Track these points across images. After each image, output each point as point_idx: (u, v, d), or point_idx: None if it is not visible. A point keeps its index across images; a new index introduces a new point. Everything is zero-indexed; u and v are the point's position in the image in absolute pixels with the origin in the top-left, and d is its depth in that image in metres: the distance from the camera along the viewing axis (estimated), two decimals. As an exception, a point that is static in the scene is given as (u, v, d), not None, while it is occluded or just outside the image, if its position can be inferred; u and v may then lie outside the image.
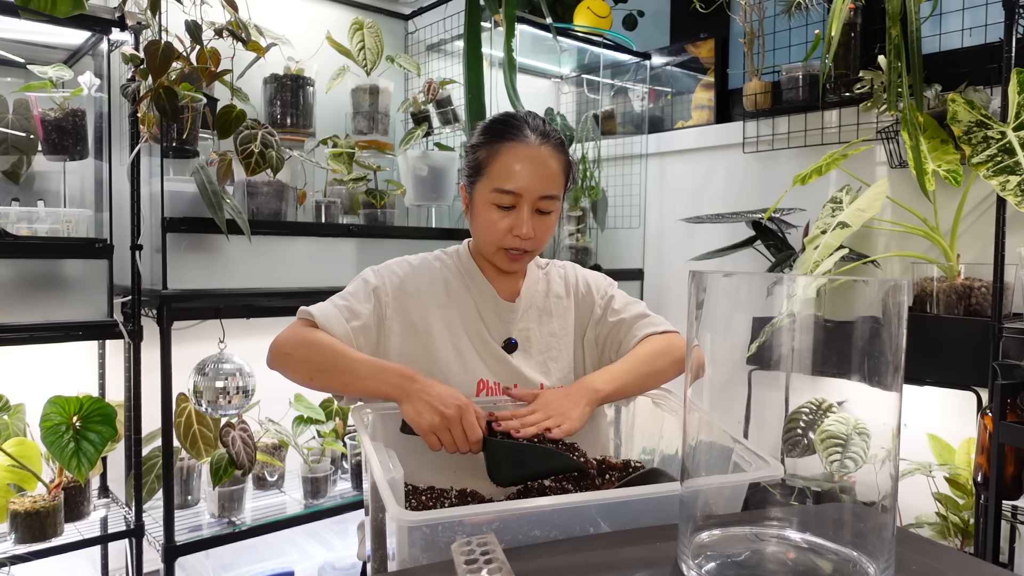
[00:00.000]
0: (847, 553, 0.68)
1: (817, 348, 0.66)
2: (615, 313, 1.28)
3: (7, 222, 1.62)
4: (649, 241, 2.89)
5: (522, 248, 1.18)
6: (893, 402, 0.64)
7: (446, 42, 2.54)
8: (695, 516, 0.69)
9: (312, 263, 2.01)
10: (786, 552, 0.68)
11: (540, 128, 1.18)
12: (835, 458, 1.50)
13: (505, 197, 1.15)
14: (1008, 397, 1.50)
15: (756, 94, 2.37)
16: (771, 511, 0.74)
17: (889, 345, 0.63)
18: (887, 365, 0.63)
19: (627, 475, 1.11)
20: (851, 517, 0.71)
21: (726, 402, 0.71)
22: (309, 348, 1.11)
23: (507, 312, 1.24)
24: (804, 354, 0.66)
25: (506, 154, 1.15)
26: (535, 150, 1.15)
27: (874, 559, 0.65)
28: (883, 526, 0.65)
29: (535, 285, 1.29)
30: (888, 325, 0.63)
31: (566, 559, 0.70)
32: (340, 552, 2.29)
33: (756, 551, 0.69)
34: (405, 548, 0.69)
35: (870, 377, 0.64)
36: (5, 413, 1.72)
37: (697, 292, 0.70)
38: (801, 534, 0.71)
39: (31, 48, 1.81)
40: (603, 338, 1.28)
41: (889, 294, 0.63)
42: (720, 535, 0.70)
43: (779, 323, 0.67)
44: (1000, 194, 1.58)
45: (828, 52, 1.83)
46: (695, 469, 0.70)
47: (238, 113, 1.74)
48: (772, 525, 0.72)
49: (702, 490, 0.70)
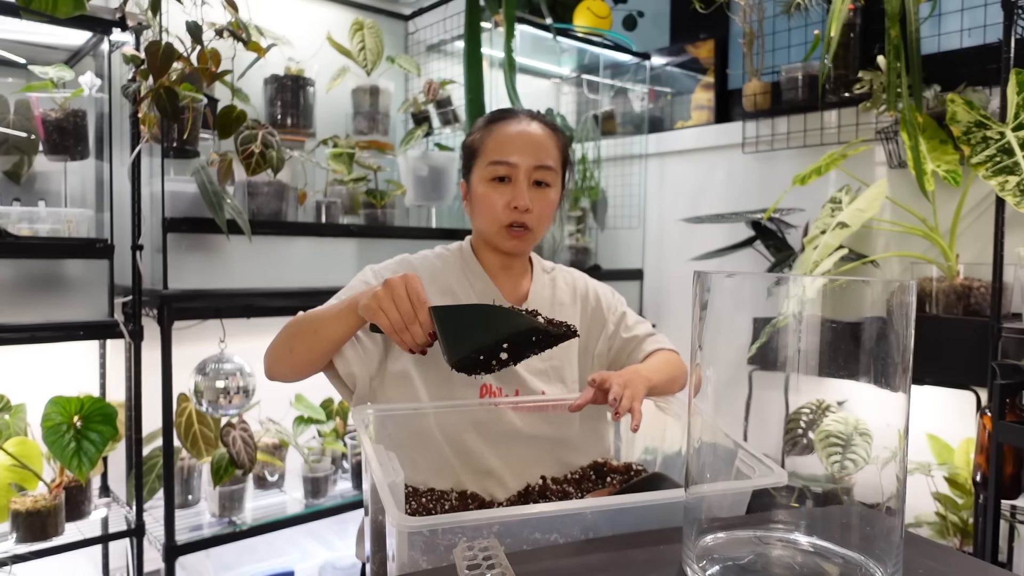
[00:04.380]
0: (854, 557, 0.67)
1: (820, 349, 0.66)
2: (628, 330, 1.29)
3: (8, 222, 1.62)
4: (649, 241, 2.90)
5: (523, 222, 1.17)
6: (900, 403, 0.63)
7: (446, 42, 2.54)
8: (699, 520, 0.69)
9: (312, 263, 2.02)
10: (792, 556, 0.68)
11: (533, 113, 1.23)
12: (835, 458, 1.50)
13: (500, 168, 1.16)
14: (1007, 397, 1.51)
15: (756, 94, 2.38)
16: (775, 514, 0.75)
17: (897, 346, 0.62)
18: (895, 366, 0.63)
19: (629, 478, 1.11)
20: (858, 520, 0.70)
21: (727, 402, 0.71)
22: (285, 330, 1.11)
23: None
24: (807, 355, 0.66)
25: (499, 131, 1.19)
26: (527, 124, 1.19)
27: (881, 563, 0.65)
28: (891, 529, 0.64)
29: (542, 290, 1.27)
30: (896, 325, 0.62)
31: (569, 563, 0.70)
32: (340, 552, 2.29)
33: (761, 555, 0.69)
34: (405, 552, 0.70)
35: (877, 378, 0.64)
36: (6, 413, 1.72)
37: (701, 293, 0.71)
38: (807, 537, 0.70)
39: (32, 48, 1.81)
40: (615, 352, 1.29)
41: (895, 294, 0.63)
42: (725, 538, 0.70)
43: (780, 323, 0.67)
44: (999, 194, 1.58)
45: (827, 52, 1.84)
46: (699, 475, 0.70)
47: (239, 113, 1.74)
48: (777, 528, 0.72)
49: (706, 495, 0.70)
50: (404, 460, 0.92)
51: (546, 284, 1.29)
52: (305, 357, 1.09)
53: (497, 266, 1.24)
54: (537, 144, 1.17)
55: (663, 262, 2.85)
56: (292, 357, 1.10)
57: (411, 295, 0.98)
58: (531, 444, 1.16)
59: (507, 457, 1.14)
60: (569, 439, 1.20)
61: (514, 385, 1.19)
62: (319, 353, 1.09)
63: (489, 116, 1.24)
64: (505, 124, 1.19)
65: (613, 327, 1.30)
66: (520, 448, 1.15)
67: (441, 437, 1.11)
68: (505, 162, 1.15)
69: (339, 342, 1.09)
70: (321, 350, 1.08)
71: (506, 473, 1.13)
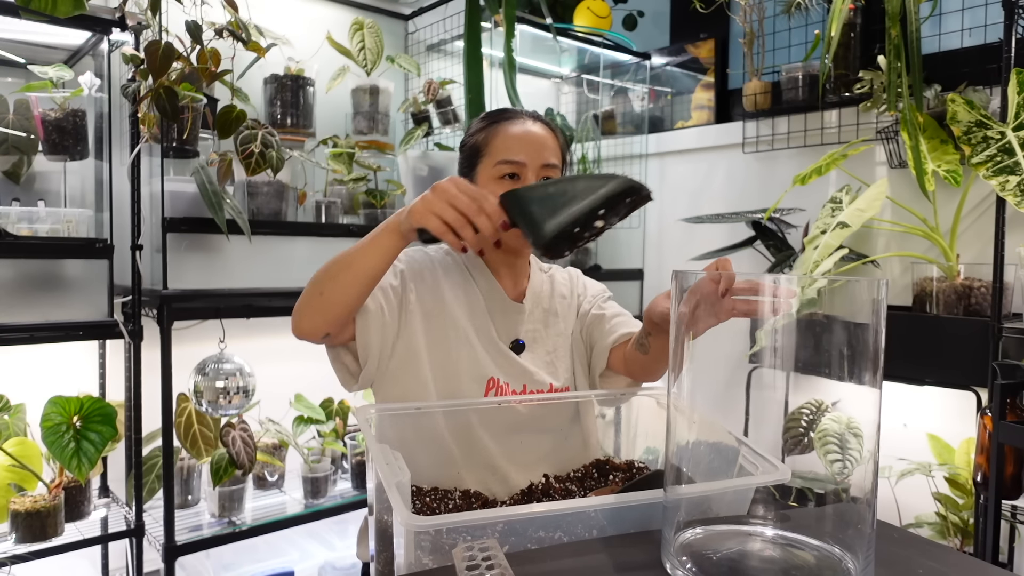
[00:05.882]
0: (828, 549, 0.69)
1: (801, 348, 0.66)
2: (600, 309, 1.29)
3: (8, 222, 1.62)
4: (649, 241, 2.90)
5: None
6: (873, 398, 0.65)
7: (446, 42, 2.54)
8: (680, 515, 0.70)
9: (312, 263, 2.00)
10: (768, 549, 0.68)
11: (532, 113, 1.24)
12: (835, 458, 1.50)
13: (509, 167, 1.16)
14: (1008, 397, 1.51)
15: (756, 94, 2.38)
16: (755, 509, 0.75)
17: (870, 343, 0.64)
18: (866, 362, 0.64)
19: (631, 476, 1.11)
20: (832, 513, 0.72)
21: (723, 402, 0.71)
22: (313, 277, 1.06)
23: (515, 313, 1.24)
24: (790, 353, 0.66)
25: (504, 130, 1.19)
26: (531, 124, 1.21)
27: (853, 553, 0.66)
28: (862, 520, 0.66)
29: (540, 287, 1.29)
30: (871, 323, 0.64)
31: (570, 563, 0.70)
32: (340, 552, 2.29)
33: (739, 549, 0.69)
34: (412, 551, 0.69)
35: (851, 374, 0.65)
36: (5, 413, 1.72)
37: (680, 292, 0.71)
38: (784, 532, 0.72)
39: (31, 48, 1.80)
40: (587, 329, 1.29)
41: (868, 291, 0.65)
42: (702, 534, 0.71)
43: (770, 324, 0.68)
44: (1000, 194, 1.58)
45: (828, 52, 1.83)
46: (692, 470, 0.70)
47: (238, 113, 1.74)
48: (756, 523, 0.73)
49: (695, 491, 0.71)
50: (407, 458, 0.92)
51: (544, 281, 1.31)
52: (338, 297, 1.02)
53: (500, 264, 1.24)
54: (542, 143, 1.19)
55: (663, 262, 2.85)
56: (323, 301, 1.03)
57: (465, 190, 0.94)
58: (537, 439, 1.16)
59: (513, 453, 1.14)
60: (573, 434, 1.21)
61: (521, 380, 1.20)
62: (354, 289, 1.03)
63: (489, 115, 1.25)
64: (509, 123, 1.20)
65: (588, 305, 1.31)
66: (525, 443, 1.15)
67: (446, 435, 1.12)
68: (514, 161, 1.16)
69: (376, 274, 1.03)
70: (358, 285, 1.02)
71: (511, 469, 1.13)
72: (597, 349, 1.26)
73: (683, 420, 0.70)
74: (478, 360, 1.18)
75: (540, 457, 1.16)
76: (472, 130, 1.25)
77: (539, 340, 1.25)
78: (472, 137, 1.23)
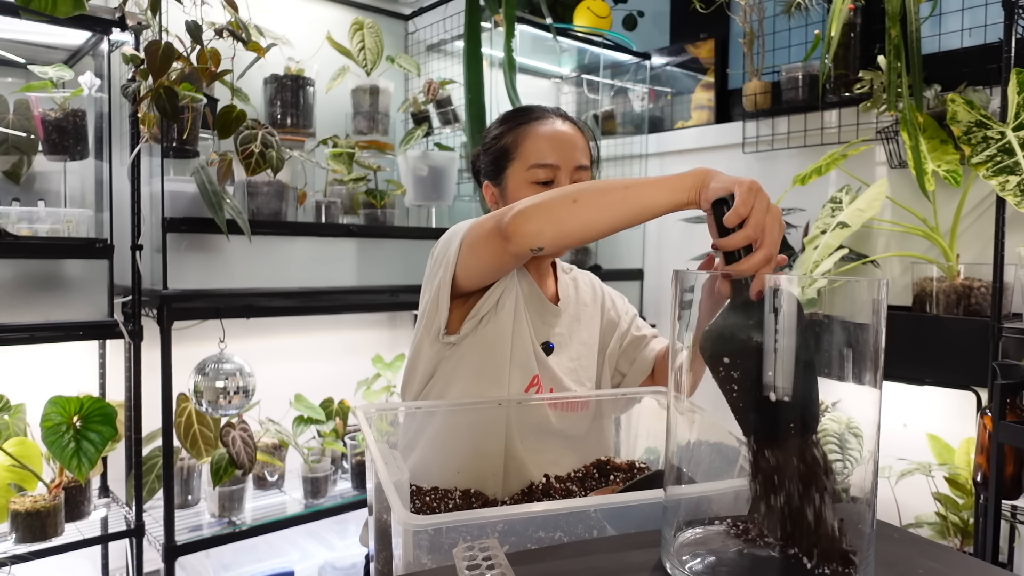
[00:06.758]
0: None
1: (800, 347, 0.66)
2: (638, 329, 1.32)
3: (8, 222, 1.62)
4: (649, 241, 2.90)
5: None
6: (873, 398, 0.65)
7: (446, 42, 2.54)
8: (679, 514, 0.70)
9: (312, 263, 2.01)
10: (769, 549, 0.68)
11: (558, 111, 1.21)
12: (835, 458, 1.50)
13: (544, 171, 1.14)
14: (1008, 397, 1.51)
15: (756, 94, 2.38)
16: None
17: (870, 342, 0.64)
18: (867, 362, 0.64)
19: (632, 476, 1.11)
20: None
21: (724, 402, 0.71)
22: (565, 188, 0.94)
23: (551, 315, 1.22)
24: (788, 353, 0.66)
25: (533, 132, 1.16)
26: (560, 124, 1.17)
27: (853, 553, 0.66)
28: (862, 520, 0.65)
29: (567, 290, 1.27)
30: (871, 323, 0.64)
31: (570, 563, 0.70)
32: (340, 552, 2.29)
33: (740, 550, 0.69)
34: (410, 551, 0.69)
35: (851, 376, 0.65)
36: (5, 413, 1.72)
37: (681, 292, 0.71)
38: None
39: (31, 48, 1.80)
40: (624, 349, 1.31)
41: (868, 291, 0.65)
42: (702, 533, 0.71)
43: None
44: (1000, 194, 1.58)
45: (828, 52, 1.83)
46: (693, 470, 0.70)
47: (238, 113, 1.74)
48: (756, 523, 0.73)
49: (695, 491, 0.71)
50: (407, 458, 0.92)
51: (569, 284, 1.30)
52: (593, 214, 0.90)
53: (533, 267, 1.22)
54: (574, 144, 1.16)
55: (663, 262, 2.85)
56: (575, 209, 0.90)
57: (781, 228, 0.79)
58: (557, 443, 1.16)
59: (533, 455, 1.13)
60: (581, 437, 1.20)
61: (551, 382, 1.19)
62: (616, 214, 0.89)
63: (514, 115, 1.21)
64: (538, 124, 1.17)
65: (626, 326, 1.32)
66: (546, 446, 1.15)
67: (448, 434, 1.11)
68: (548, 164, 1.14)
69: (644, 213, 0.89)
70: (623, 212, 0.89)
71: (513, 469, 1.13)
72: (637, 366, 1.29)
73: (684, 420, 0.70)
74: (524, 356, 1.16)
75: (552, 460, 1.15)
76: (497, 131, 1.21)
77: (565, 345, 1.24)
78: (498, 139, 1.19)
